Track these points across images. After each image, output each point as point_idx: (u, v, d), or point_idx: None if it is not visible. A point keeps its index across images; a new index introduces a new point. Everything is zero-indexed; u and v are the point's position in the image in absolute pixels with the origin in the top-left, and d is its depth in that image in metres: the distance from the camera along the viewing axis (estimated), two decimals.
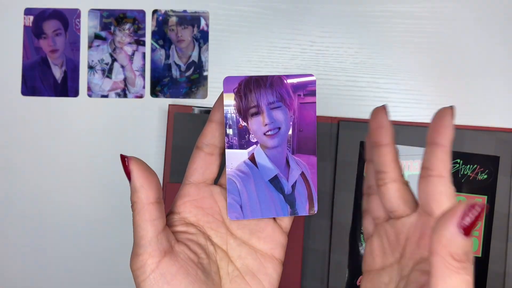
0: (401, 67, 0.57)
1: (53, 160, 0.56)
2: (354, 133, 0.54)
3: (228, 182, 0.33)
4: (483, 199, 0.54)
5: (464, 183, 0.54)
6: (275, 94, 0.34)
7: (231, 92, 0.33)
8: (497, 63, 0.56)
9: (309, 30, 0.57)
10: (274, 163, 0.34)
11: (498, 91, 0.56)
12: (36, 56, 0.57)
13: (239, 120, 0.34)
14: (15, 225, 0.55)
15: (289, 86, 0.34)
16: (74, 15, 0.57)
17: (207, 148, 0.34)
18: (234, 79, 0.33)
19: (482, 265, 0.53)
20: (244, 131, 0.34)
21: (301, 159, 0.35)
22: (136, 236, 0.31)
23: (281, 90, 0.34)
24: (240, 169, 0.34)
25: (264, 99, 0.34)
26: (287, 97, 0.34)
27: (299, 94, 0.34)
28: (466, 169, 0.54)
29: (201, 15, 0.57)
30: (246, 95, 0.34)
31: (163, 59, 0.57)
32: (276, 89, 0.34)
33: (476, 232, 0.53)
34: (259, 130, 0.34)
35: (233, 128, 0.34)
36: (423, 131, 0.54)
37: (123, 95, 0.57)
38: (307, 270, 0.54)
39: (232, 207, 0.34)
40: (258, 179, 0.34)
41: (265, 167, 0.34)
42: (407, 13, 0.57)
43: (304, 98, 0.34)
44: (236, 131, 0.34)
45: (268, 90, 0.34)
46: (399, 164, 0.33)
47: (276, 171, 0.34)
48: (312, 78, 0.34)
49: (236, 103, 0.33)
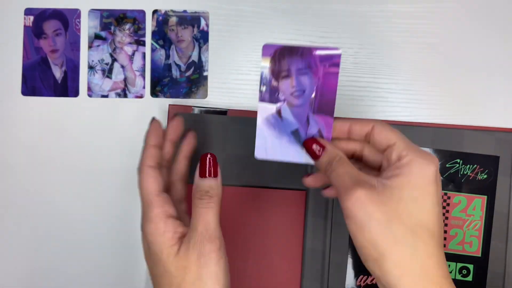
0: (401, 67, 0.57)
1: (53, 160, 0.56)
2: None
3: (258, 128, 0.42)
4: (483, 199, 0.54)
5: (464, 183, 0.54)
6: (304, 62, 0.41)
7: (268, 56, 0.41)
8: (496, 63, 0.57)
9: (309, 30, 0.57)
10: (297, 119, 0.42)
11: (497, 91, 0.56)
12: (36, 56, 0.57)
13: (272, 80, 0.42)
14: (15, 225, 0.55)
15: (317, 56, 0.41)
16: (74, 15, 0.57)
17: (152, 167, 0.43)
18: (271, 47, 0.41)
19: (482, 265, 0.53)
20: (275, 90, 0.42)
21: (320, 119, 0.42)
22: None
23: (309, 59, 0.41)
24: (269, 119, 0.42)
25: (294, 65, 0.41)
26: (314, 66, 0.41)
27: (325, 65, 0.41)
28: (466, 169, 0.54)
29: (201, 15, 0.57)
30: (280, 60, 0.41)
31: (163, 59, 0.57)
32: (305, 59, 0.41)
33: (476, 232, 0.53)
34: (287, 90, 0.42)
35: (267, 86, 0.42)
36: (423, 131, 0.54)
37: (123, 95, 0.57)
38: (307, 270, 0.54)
39: (259, 148, 0.42)
40: (282, 130, 0.42)
41: (289, 121, 0.42)
42: (407, 13, 0.57)
43: (328, 68, 0.41)
44: (268, 89, 0.42)
45: (298, 58, 0.41)
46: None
47: (297, 126, 0.42)
48: (338, 51, 0.40)
49: (271, 66, 0.41)
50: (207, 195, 0.40)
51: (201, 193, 0.40)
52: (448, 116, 0.56)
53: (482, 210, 0.54)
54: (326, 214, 0.54)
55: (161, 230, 0.40)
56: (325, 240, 0.54)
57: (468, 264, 0.53)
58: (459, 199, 0.54)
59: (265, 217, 0.53)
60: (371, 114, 0.56)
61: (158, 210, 0.41)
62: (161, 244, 0.39)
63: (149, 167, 0.43)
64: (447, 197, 0.54)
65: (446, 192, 0.54)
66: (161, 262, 0.39)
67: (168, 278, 0.39)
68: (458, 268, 0.54)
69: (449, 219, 0.54)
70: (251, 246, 0.53)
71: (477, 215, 0.54)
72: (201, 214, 0.39)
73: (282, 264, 0.53)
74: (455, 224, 0.54)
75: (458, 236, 0.54)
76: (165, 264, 0.39)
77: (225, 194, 0.54)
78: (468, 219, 0.54)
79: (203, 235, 0.39)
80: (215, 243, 0.39)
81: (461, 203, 0.54)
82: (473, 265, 0.53)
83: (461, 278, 0.53)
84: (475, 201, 0.54)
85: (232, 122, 0.54)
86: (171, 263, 0.39)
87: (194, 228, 0.39)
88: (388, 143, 0.40)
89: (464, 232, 0.54)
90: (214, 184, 0.41)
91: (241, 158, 0.54)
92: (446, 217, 0.54)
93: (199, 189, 0.40)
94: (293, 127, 0.42)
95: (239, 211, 0.54)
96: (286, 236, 0.52)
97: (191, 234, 0.39)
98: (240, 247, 0.53)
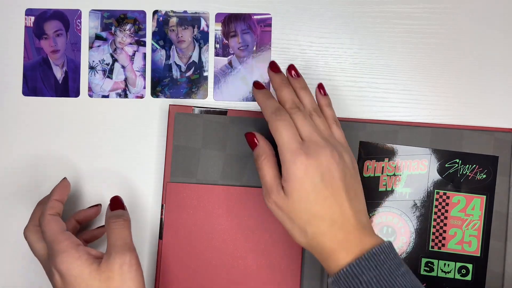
0: (400, 67, 0.57)
1: (54, 160, 0.57)
2: (352, 133, 0.54)
3: (214, 76, 0.56)
4: (482, 198, 0.54)
5: (463, 183, 0.54)
6: (246, 25, 0.56)
7: (219, 22, 0.57)
8: (496, 63, 0.57)
9: (309, 31, 0.57)
10: (244, 67, 0.56)
11: (497, 91, 0.57)
12: (37, 57, 0.57)
13: (223, 39, 0.57)
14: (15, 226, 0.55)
15: (255, 20, 0.56)
16: (75, 15, 0.57)
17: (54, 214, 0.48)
18: (222, 14, 0.56)
19: (481, 264, 0.54)
20: (226, 46, 0.57)
21: (261, 66, 0.57)
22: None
23: (249, 22, 0.56)
24: (222, 69, 0.56)
25: (239, 27, 0.56)
26: (253, 27, 0.56)
27: (261, 25, 0.57)
28: (465, 169, 0.54)
29: (201, 16, 0.57)
30: (229, 24, 0.57)
31: (164, 60, 0.57)
32: (247, 22, 0.56)
33: (475, 232, 0.54)
34: (235, 46, 0.57)
35: (219, 43, 0.57)
36: (422, 131, 0.55)
37: (123, 95, 0.57)
38: (307, 271, 0.54)
39: (217, 93, 0.56)
40: (233, 76, 0.57)
41: (238, 69, 0.56)
42: (406, 14, 0.57)
43: (264, 28, 0.57)
44: (221, 46, 0.57)
45: (241, 22, 0.56)
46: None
47: (245, 73, 0.56)
48: (269, 16, 0.56)
49: (222, 28, 0.57)
50: (122, 218, 0.46)
51: (115, 217, 0.46)
52: (447, 116, 0.56)
53: (481, 210, 0.54)
54: None
55: (75, 255, 0.43)
56: None
57: (468, 264, 0.54)
58: (458, 199, 0.54)
59: (264, 217, 0.54)
60: (370, 114, 0.56)
61: (66, 241, 0.45)
62: (79, 266, 0.43)
63: (50, 215, 0.47)
64: (446, 197, 0.54)
65: (445, 192, 0.54)
66: (83, 282, 0.42)
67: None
68: (457, 268, 0.54)
69: (448, 218, 0.54)
70: (251, 246, 0.54)
71: (476, 214, 0.54)
72: (118, 232, 0.45)
73: (282, 264, 0.53)
74: (454, 224, 0.54)
75: (457, 236, 0.54)
76: (88, 281, 0.42)
77: (226, 194, 0.54)
78: (467, 218, 0.54)
79: (122, 247, 0.44)
80: (134, 253, 0.44)
81: (460, 203, 0.54)
82: (472, 265, 0.54)
83: (460, 278, 0.54)
84: (474, 200, 0.54)
85: (232, 122, 0.54)
86: (94, 278, 0.42)
87: (113, 244, 0.44)
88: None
89: (463, 231, 0.54)
90: (126, 212, 0.47)
91: (241, 158, 0.54)
92: (445, 216, 0.54)
93: (113, 215, 0.46)
94: (241, 73, 0.56)
95: (239, 211, 0.54)
96: (286, 235, 0.53)
97: (110, 249, 0.44)
98: (240, 246, 0.53)
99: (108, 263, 0.43)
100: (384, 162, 0.54)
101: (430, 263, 0.54)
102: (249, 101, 0.56)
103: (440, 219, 0.54)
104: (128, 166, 0.56)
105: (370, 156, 0.54)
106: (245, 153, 0.54)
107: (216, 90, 0.56)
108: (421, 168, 0.54)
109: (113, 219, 0.46)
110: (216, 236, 0.53)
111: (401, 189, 0.54)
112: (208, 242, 0.53)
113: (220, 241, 0.54)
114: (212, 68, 0.57)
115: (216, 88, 0.56)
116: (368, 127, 0.55)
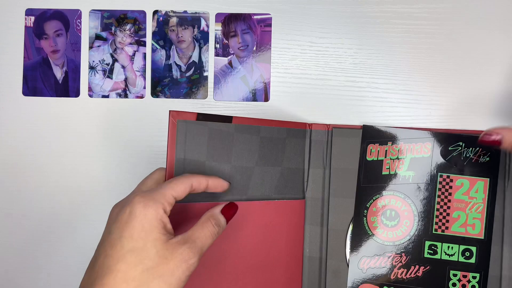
0: (400, 67, 0.57)
1: (54, 160, 0.57)
2: (348, 140, 0.54)
3: (214, 76, 0.57)
4: (485, 181, 0.54)
5: (467, 166, 0.54)
6: (246, 25, 0.57)
7: (219, 22, 0.57)
8: (495, 63, 0.57)
9: (309, 31, 0.57)
10: (244, 67, 0.57)
11: (496, 91, 0.57)
12: (37, 57, 0.57)
13: (223, 39, 0.57)
14: (16, 225, 0.55)
15: (255, 20, 0.57)
16: (75, 15, 0.57)
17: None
18: (222, 14, 0.57)
19: (484, 247, 0.53)
20: (226, 46, 0.57)
21: (261, 66, 0.57)
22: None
23: (250, 22, 0.57)
24: (222, 69, 0.57)
25: (239, 27, 0.57)
26: (253, 27, 0.57)
27: (261, 25, 0.57)
28: (469, 152, 0.54)
29: (201, 16, 0.57)
30: (229, 24, 0.57)
31: (164, 60, 0.57)
32: (247, 22, 0.57)
33: (478, 215, 0.53)
34: (235, 46, 0.57)
35: (219, 43, 0.57)
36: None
37: (123, 95, 0.57)
38: (305, 278, 0.54)
39: (217, 93, 0.56)
40: (233, 76, 0.57)
41: (238, 69, 0.57)
42: (406, 14, 0.57)
43: (264, 28, 0.57)
44: (221, 46, 0.57)
45: (241, 21, 0.57)
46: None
47: (245, 72, 0.56)
48: (269, 16, 0.56)
49: (222, 28, 0.57)
50: (220, 227, 0.45)
51: (218, 223, 0.45)
52: (447, 116, 0.56)
53: (485, 193, 0.54)
54: (321, 221, 0.54)
55: (159, 214, 0.41)
56: (321, 247, 0.54)
57: (471, 246, 0.53)
58: (462, 182, 0.54)
59: (268, 228, 0.52)
60: (370, 114, 0.56)
61: (168, 202, 0.43)
62: (154, 223, 0.41)
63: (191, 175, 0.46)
64: (450, 180, 0.54)
65: (448, 175, 0.54)
66: (146, 239, 0.40)
67: (140, 256, 0.40)
68: (461, 250, 0.54)
69: (451, 201, 0.54)
70: (253, 262, 0.52)
71: (479, 197, 0.54)
72: (207, 234, 0.43)
73: (280, 281, 0.52)
74: (457, 207, 0.54)
75: (461, 219, 0.54)
76: (147, 243, 0.40)
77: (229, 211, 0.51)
78: (470, 201, 0.54)
79: (197, 249, 0.42)
80: (198, 262, 0.42)
81: (464, 186, 0.54)
82: (476, 247, 0.53)
83: (464, 260, 0.53)
84: (477, 183, 0.54)
85: (238, 131, 0.50)
86: (154, 246, 0.40)
87: (194, 238, 0.43)
88: None
89: (467, 214, 0.54)
90: (224, 225, 0.46)
91: (245, 171, 0.51)
92: (448, 199, 0.54)
93: (217, 218, 0.45)
94: (242, 73, 0.56)
95: (244, 225, 0.51)
96: (286, 251, 0.52)
97: (189, 240, 0.42)
98: (241, 261, 0.51)
99: (177, 247, 0.41)
100: (387, 146, 0.54)
101: (433, 246, 0.54)
102: (249, 101, 0.56)
103: (443, 202, 0.54)
104: (128, 165, 0.56)
105: (373, 140, 0.54)
106: (251, 164, 0.51)
107: (216, 90, 0.57)
108: (425, 152, 0.54)
109: (216, 222, 0.44)
110: (218, 254, 0.50)
111: (405, 172, 0.54)
112: (211, 261, 0.50)
113: (221, 257, 0.50)
114: (212, 68, 0.57)
115: (216, 88, 0.57)
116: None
